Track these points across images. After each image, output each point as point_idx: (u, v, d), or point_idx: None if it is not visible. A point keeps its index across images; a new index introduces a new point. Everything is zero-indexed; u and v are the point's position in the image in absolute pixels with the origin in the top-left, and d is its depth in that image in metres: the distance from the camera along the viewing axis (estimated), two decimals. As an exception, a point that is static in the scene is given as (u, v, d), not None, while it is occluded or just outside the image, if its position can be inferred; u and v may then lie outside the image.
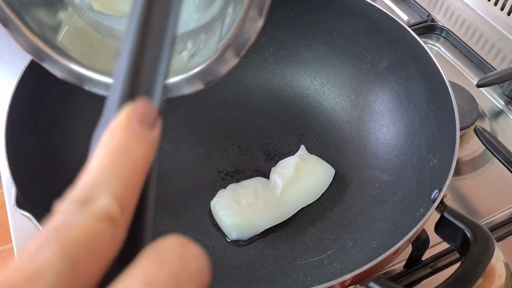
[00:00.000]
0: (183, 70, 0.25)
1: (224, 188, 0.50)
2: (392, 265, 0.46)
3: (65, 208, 0.14)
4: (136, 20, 0.18)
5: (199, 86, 0.25)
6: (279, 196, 0.48)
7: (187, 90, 0.25)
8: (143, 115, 0.17)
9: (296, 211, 0.49)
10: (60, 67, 0.27)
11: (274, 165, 0.52)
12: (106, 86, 0.27)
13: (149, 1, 0.18)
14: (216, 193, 0.50)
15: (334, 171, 0.51)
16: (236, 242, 0.47)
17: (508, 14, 0.72)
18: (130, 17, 0.18)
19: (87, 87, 0.27)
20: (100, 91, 0.27)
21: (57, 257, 0.13)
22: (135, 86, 0.17)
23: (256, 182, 0.50)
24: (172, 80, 0.25)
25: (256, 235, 0.47)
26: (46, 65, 0.28)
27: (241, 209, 0.47)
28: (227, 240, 0.47)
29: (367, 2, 0.51)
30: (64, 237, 0.13)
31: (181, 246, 0.15)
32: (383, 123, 0.53)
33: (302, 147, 0.53)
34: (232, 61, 0.24)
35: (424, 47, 0.46)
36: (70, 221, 0.14)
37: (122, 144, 0.16)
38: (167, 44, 0.19)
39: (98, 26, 0.30)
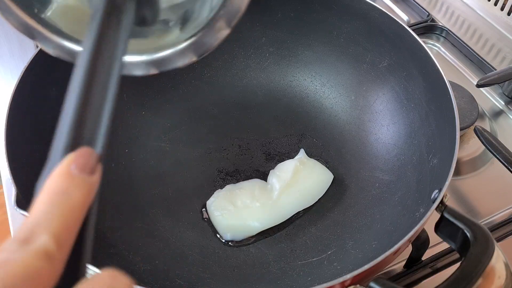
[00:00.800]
0: (174, 43, 0.25)
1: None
2: (392, 265, 0.46)
3: (7, 246, 0.16)
4: (80, 77, 0.20)
5: (192, 58, 0.25)
6: (275, 199, 0.48)
7: (181, 62, 0.25)
8: (83, 163, 0.19)
9: (292, 215, 0.49)
10: (52, 44, 0.28)
11: (274, 165, 0.52)
12: None
13: (93, 61, 0.21)
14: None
15: (333, 176, 0.51)
16: (235, 243, 0.47)
17: (508, 14, 0.72)
18: (74, 75, 0.20)
19: None
20: None
21: None
22: (78, 137, 0.19)
23: (253, 184, 0.50)
24: (164, 53, 0.25)
25: (255, 235, 0.47)
26: (38, 43, 0.28)
27: (236, 210, 0.47)
28: (222, 240, 0.47)
29: (367, 2, 0.51)
30: (5, 272, 0.15)
31: (112, 278, 0.17)
32: (383, 123, 0.53)
33: (302, 151, 0.53)
34: (223, 31, 0.24)
35: (424, 47, 0.46)
36: (11, 258, 0.16)
37: (62, 189, 0.18)
38: (109, 100, 0.21)
39: (88, 2, 0.30)
